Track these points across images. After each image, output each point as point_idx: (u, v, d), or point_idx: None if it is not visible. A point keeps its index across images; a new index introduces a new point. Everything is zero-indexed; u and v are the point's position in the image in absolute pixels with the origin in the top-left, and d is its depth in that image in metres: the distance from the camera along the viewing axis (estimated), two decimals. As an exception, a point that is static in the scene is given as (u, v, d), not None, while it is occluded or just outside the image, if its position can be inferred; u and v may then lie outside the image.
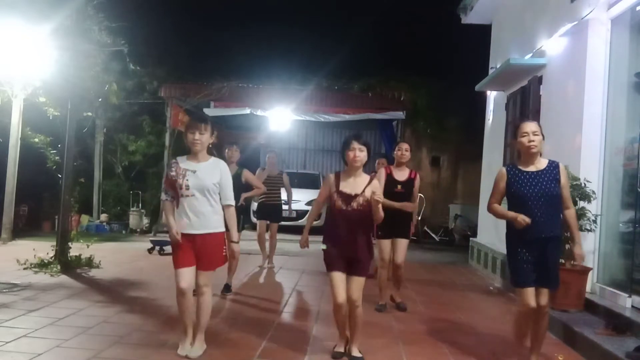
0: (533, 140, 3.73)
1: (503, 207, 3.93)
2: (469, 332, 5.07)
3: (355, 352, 4.10)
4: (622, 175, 5.59)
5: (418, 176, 5.77)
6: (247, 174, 6.26)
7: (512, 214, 3.73)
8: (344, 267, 3.96)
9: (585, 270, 5.46)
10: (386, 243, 5.65)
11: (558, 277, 3.84)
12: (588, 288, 5.54)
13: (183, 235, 3.84)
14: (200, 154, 3.93)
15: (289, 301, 6.09)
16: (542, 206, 3.69)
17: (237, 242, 4.03)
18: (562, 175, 3.80)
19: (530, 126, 3.79)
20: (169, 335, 4.38)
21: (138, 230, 11.93)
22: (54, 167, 8.36)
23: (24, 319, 4.72)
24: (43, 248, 7.30)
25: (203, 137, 3.88)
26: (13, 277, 6.38)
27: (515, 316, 4.01)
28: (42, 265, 6.94)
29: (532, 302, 3.76)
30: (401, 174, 5.69)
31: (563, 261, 5.46)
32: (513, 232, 3.84)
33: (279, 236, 8.42)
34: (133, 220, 12.13)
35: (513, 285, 3.97)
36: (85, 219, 11.90)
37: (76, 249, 7.50)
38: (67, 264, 7.04)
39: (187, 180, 3.83)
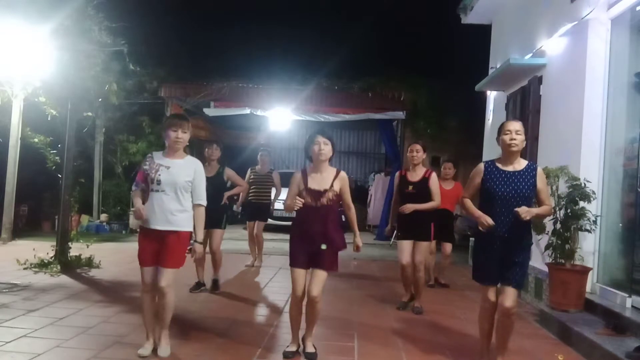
0: (515, 139, 3.75)
1: (473, 205, 3.94)
2: (468, 332, 5.07)
3: (310, 348, 4.10)
4: (622, 175, 5.58)
5: (434, 175, 5.71)
6: (229, 172, 6.24)
7: (478, 213, 3.77)
8: (307, 263, 4.01)
9: (585, 270, 5.47)
10: (406, 244, 5.62)
11: (521, 279, 3.83)
12: (588, 288, 5.54)
13: (147, 230, 3.88)
14: (178, 152, 3.95)
15: (288, 301, 6.08)
16: (511, 207, 3.69)
17: (201, 243, 4.03)
18: (539, 180, 3.80)
19: (514, 125, 3.82)
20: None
21: (138, 230, 11.91)
22: (54, 167, 8.36)
23: (24, 319, 4.73)
24: (43, 248, 7.31)
25: (185, 136, 3.92)
26: (13, 277, 6.38)
27: (479, 313, 4.03)
28: (42, 265, 6.95)
29: (493, 297, 3.86)
30: (414, 175, 5.68)
31: (563, 261, 5.48)
32: (480, 230, 3.88)
33: (277, 236, 8.41)
34: (133, 220, 12.10)
35: (475, 280, 4.01)
36: (85, 219, 11.90)
37: (76, 249, 7.50)
38: (67, 264, 7.05)
39: (159, 175, 3.84)
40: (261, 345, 4.34)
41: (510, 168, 3.81)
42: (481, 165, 3.94)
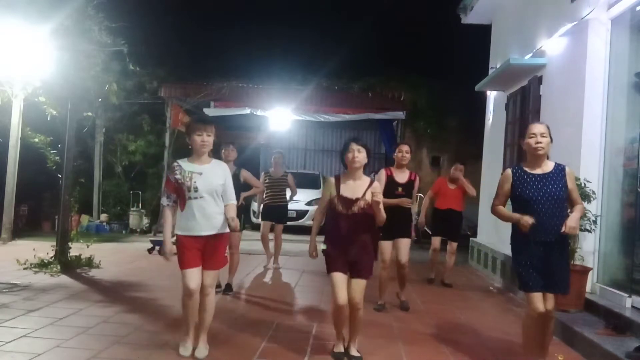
0: (540, 142, 3.68)
1: (507, 210, 3.86)
2: (469, 332, 5.07)
3: (354, 352, 4.10)
4: (622, 175, 5.58)
5: (418, 178, 5.79)
6: (245, 174, 6.27)
7: (516, 216, 3.67)
8: (345, 268, 3.96)
9: (585, 270, 5.47)
10: (387, 244, 5.64)
11: (567, 282, 3.75)
12: (588, 288, 5.54)
13: (191, 237, 3.86)
14: (203, 156, 3.94)
15: (289, 301, 6.09)
16: (547, 209, 3.63)
17: (234, 218, 3.90)
18: (568, 179, 3.74)
19: (538, 128, 3.74)
20: (169, 335, 4.38)
21: (138, 230, 11.93)
22: (54, 167, 8.36)
23: (24, 319, 4.73)
24: (43, 248, 7.30)
25: (210, 139, 3.91)
26: (13, 277, 6.38)
27: (524, 321, 3.92)
28: (42, 265, 6.94)
29: (541, 307, 3.69)
30: (402, 176, 5.69)
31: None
32: (518, 236, 3.79)
33: (283, 236, 8.41)
34: (133, 220, 12.12)
35: (521, 289, 3.88)
36: (85, 219, 11.90)
37: (76, 249, 7.50)
38: (67, 264, 7.04)
39: (195, 182, 3.84)
40: (261, 344, 4.33)
41: (538, 171, 3.74)
42: (509, 171, 3.86)
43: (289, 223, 11.04)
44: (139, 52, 9.93)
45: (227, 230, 3.97)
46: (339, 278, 3.92)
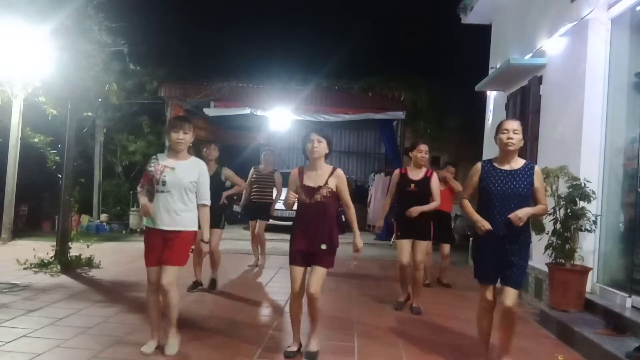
0: (512, 139, 3.75)
1: (471, 207, 3.96)
2: (468, 332, 5.06)
3: (313, 347, 4.10)
4: (622, 175, 5.58)
5: (435, 175, 5.72)
6: (227, 172, 6.25)
7: (476, 216, 3.79)
8: (304, 261, 4.03)
9: (585, 270, 5.46)
10: (405, 243, 5.62)
11: (519, 278, 3.80)
12: (588, 288, 5.53)
13: (153, 230, 3.93)
14: (181, 153, 4.00)
15: (288, 301, 6.08)
16: (508, 205, 3.69)
17: (207, 242, 4.06)
18: (536, 178, 3.79)
19: (511, 124, 3.81)
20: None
21: (138, 230, 11.92)
22: (54, 167, 8.37)
23: (24, 319, 4.73)
24: (43, 248, 7.31)
25: (187, 137, 3.96)
26: (13, 277, 6.39)
27: (477, 312, 4.04)
28: (42, 265, 6.95)
29: (490, 297, 3.85)
30: (416, 173, 5.68)
31: (563, 261, 5.48)
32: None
33: (277, 236, 8.41)
34: (133, 220, 12.12)
35: (475, 278, 4.00)
36: (85, 219, 11.91)
37: (76, 249, 7.50)
38: (67, 264, 7.05)
39: (164, 176, 3.90)
40: (261, 345, 4.33)
41: (507, 167, 3.82)
42: (478, 165, 3.96)
43: (288, 223, 11.09)
44: (139, 52, 9.93)
45: (194, 228, 3.99)
46: (297, 271, 4.04)
